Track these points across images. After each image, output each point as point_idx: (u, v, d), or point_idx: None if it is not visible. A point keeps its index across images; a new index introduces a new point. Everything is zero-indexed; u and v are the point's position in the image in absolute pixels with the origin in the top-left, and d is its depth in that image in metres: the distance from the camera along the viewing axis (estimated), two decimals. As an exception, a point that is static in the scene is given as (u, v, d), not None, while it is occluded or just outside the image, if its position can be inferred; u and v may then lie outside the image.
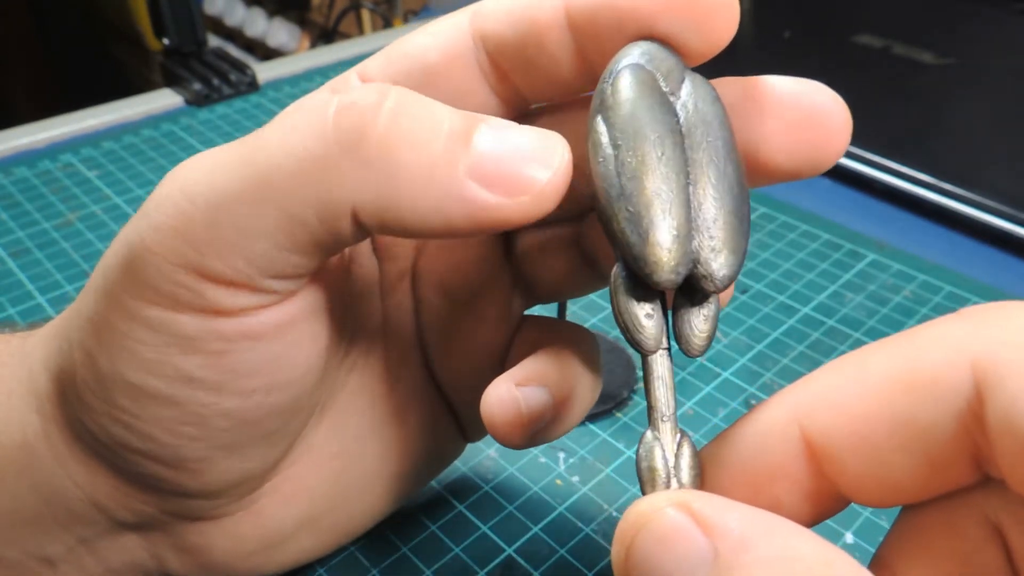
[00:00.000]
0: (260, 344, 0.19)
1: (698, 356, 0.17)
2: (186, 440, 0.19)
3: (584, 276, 0.23)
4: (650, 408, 0.17)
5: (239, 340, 0.18)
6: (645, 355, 0.17)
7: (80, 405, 0.19)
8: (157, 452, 0.19)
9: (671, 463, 0.17)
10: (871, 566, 0.17)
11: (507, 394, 0.20)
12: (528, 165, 0.17)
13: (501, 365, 0.23)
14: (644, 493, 0.16)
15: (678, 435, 0.17)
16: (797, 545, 0.13)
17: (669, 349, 0.17)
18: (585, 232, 0.22)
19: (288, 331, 0.19)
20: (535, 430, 0.20)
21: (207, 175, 0.17)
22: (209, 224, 0.17)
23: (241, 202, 0.17)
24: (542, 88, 0.19)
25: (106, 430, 0.19)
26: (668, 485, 0.16)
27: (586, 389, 0.22)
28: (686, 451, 0.17)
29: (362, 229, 0.17)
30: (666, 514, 0.14)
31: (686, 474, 0.17)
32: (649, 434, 0.17)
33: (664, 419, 0.17)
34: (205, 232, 0.17)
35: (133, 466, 0.20)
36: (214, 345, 0.18)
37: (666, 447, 0.17)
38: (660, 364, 0.17)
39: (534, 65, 0.19)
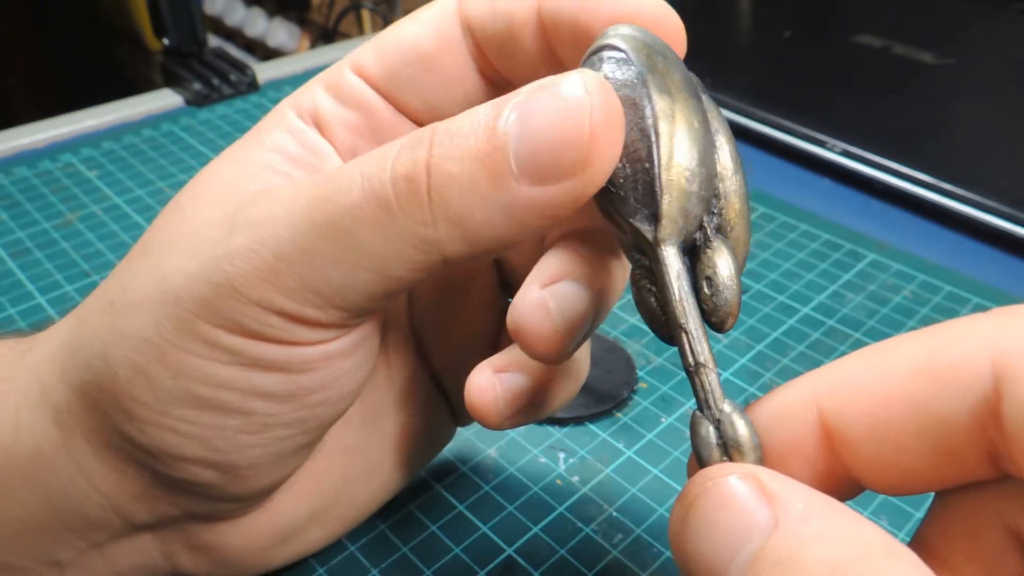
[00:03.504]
0: (336, 362, 0.20)
1: (732, 316, 0.18)
2: (242, 447, 0.20)
3: None
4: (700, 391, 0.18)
5: (318, 361, 0.19)
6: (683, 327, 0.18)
7: (122, 417, 0.19)
8: (212, 458, 0.20)
9: (717, 439, 0.17)
10: None
11: (485, 381, 0.21)
12: (564, 140, 0.16)
13: (493, 350, 0.24)
14: (701, 467, 0.17)
15: (727, 406, 0.17)
16: (859, 527, 0.14)
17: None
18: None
19: (359, 349, 0.20)
20: (513, 413, 0.21)
21: (288, 232, 0.18)
22: (302, 282, 0.18)
23: (332, 266, 0.17)
24: (523, 77, 0.20)
25: (153, 438, 0.19)
26: (721, 458, 0.17)
27: (569, 375, 0.22)
28: (739, 424, 0.17)
29: (454, 264, 0.18)
30: (729, 482, 0.15)
31: (746, 447, 0.17)
32: (698, 412, 0.17)
33: (715, 402, 0.17)
34: (299, 288, 0.18)
35: (176, 472, 0.20)
36: (295, 367, 0.19)
37: (711, 422, 0.17)
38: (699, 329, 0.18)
39: (512, 57, 0.20)
